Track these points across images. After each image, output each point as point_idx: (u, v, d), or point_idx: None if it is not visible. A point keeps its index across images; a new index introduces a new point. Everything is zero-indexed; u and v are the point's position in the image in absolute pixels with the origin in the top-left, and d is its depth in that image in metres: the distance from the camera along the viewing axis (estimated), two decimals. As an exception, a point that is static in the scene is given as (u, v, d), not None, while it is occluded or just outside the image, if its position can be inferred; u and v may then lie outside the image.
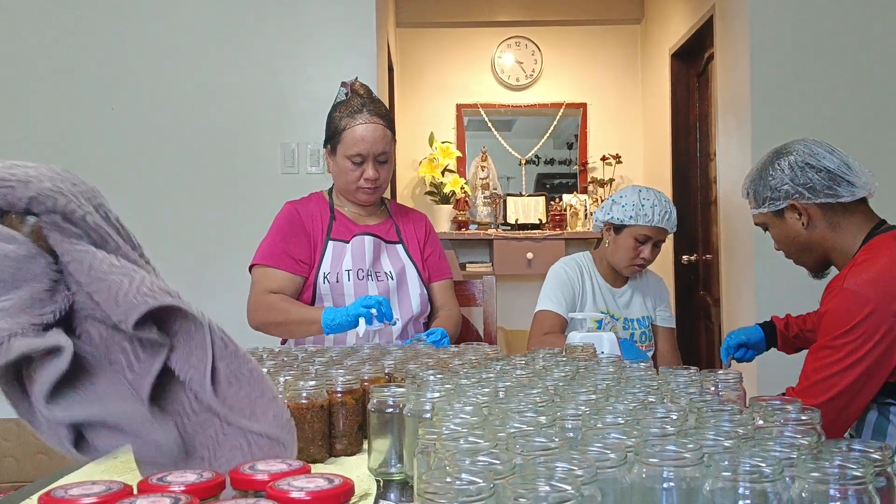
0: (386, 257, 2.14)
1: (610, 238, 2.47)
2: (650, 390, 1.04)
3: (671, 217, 2.41)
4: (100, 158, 3.19)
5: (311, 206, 2.18)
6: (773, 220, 1.81)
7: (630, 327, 2.49)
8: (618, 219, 2.41)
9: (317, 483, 0.74)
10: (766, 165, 1.80)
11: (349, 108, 2.09)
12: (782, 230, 1.80)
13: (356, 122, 2.06)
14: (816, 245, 1.78)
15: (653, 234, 2.40)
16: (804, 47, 3.30)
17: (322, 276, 2.07)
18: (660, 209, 2.39)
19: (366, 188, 2.10)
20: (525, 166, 5.56)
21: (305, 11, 3.23)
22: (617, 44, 5.53)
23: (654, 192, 2.45)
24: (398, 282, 2.11)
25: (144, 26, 3.23)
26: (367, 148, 2.06)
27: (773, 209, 1.78)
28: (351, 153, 2.06)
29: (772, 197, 1.77)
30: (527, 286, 5.39)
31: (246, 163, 3.23)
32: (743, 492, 0.64)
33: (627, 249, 2.41)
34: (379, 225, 2.20)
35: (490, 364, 1.34)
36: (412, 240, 2.22)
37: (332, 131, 2.12)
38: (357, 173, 2.09)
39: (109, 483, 0.75)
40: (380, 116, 2.09)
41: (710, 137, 4.26)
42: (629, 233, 2.40)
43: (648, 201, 2.39)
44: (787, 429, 0.83)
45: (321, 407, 1.16)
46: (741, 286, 3.50)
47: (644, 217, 2.37)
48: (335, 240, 2.12)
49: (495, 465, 0.67)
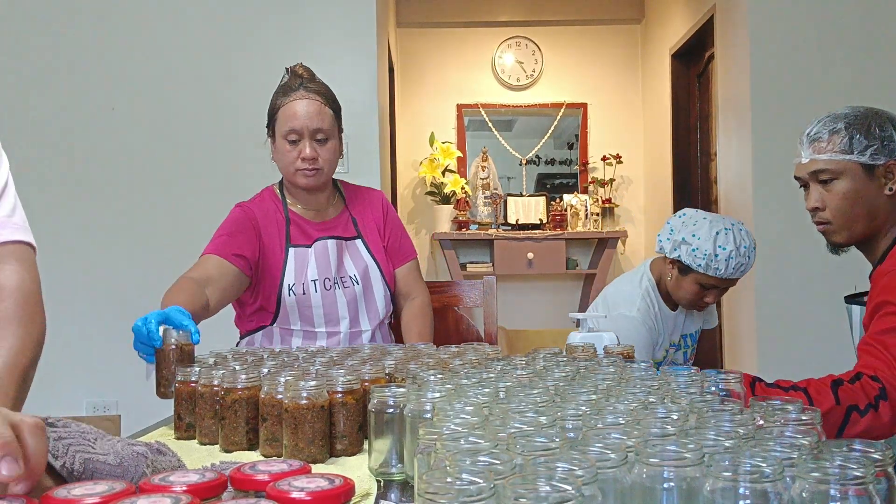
0: (348, 258, 2.03)
1: (673, 273, 2.23)
2: (651, 390, 1.04)
3: (747, 267, 2.15)
4: (101, 158, 3.19)
5: (265, 208, 2.04)
6: (856, 171, 1.64)
7: (685, 346, 2.37)
8: (686, 262, 2.16)
9: (317, 483, 0.74)
10: (872, 118, 1.65)
11: (285, 87, 1.98)
12: (860, 186, 1.64)
13: (289, 99, 1.94)
14: (879, 216, 1.66)
15: (721, 284, 2.18)
16: (804, 47, 3.30)
17: (287, 287, 1.95)
18: (736, 262, 2.11)
19: (304, 169, 1.94)
20: (525, 166, 5.56)
21: (305, 11, 3.23)
22: (617, 44, 5.54)
23: (734, 237, 2.12)
24: (363, 285, 2.02)
25: (145, 27, 3.24)
26: (300, 124, 1.92)
27: (871, 162, 1.62)
28: (284, 130, 1.93)
29: (877, 149, 1.62)
30: (527, 286, 5.40)
31: (246, 163, 3.23)
32: (743, 492, 0.64)
33: (690, 294, 2.20)
34: (336, 220, 2.06)
35: (490, 364, 1.34)
36: (370, 228, 2.09)
37: (269, 114, 2.01)
38: (294, 153, 1.94)
39: (112, 483, 0.76)
40: (318, 94, 1.96)
41: (710, 137, 4.26)
42: (695, 278, 2.17)
43: (724, 251, 2.10)
44: (788, 429, 0.83)
45: (322, 407, 1.16)
46: (741, 286, 3.50)
47: (716, 270, 2.12)
48: (296, 245, 1.99)
49: (496, 465, 0.67)
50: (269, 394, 1.22)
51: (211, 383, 1.30)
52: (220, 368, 1.35)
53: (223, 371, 1.32)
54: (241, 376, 1.27)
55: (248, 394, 1.26)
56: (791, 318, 3.33)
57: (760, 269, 3.24)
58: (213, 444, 1.30)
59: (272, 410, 1.21)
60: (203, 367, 1.39)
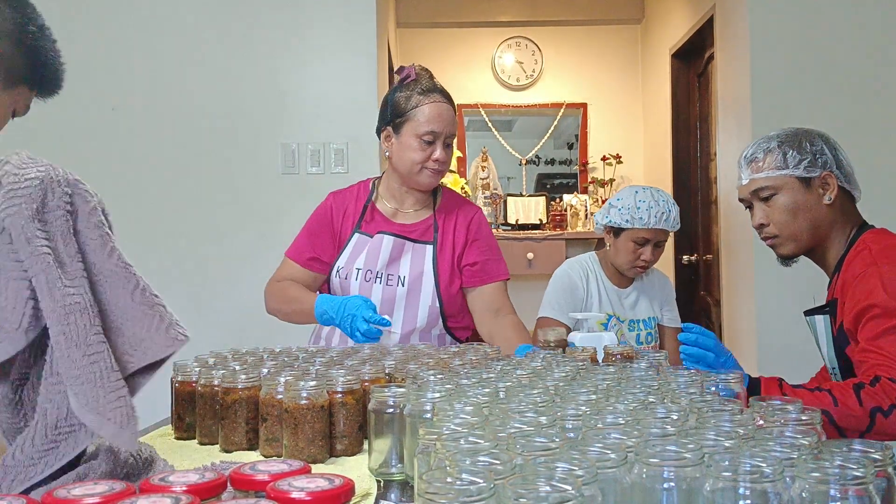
0: (407, 259, 2.04)
1: (611, 241, 2.45)
2: (650, 390, 1.04)
3: (669, 217, 2.38)
4: (100, 158, 3.19)
5: (348, 199, 2.13)
6: (794, 185, 1.72)
7: (636, 328, 2.47)
8: (615, 222, 2.39)
9: (317, 483, 0.74)
10: (801, 134, 1.74)
11: (418, 86, 2.03)
12: (800, 199, 1.72)
13: (430, 101, 2.01)
14: (823, 226, 1.73)
15: (651, 235, 2.38)
16: (804, 47, 3.30)
17: (336, 270, 2.06)
18: (656, 210, 2.35)
19: (433, 169, 2.02)
20: (525, 166, 5.56)
21: (305, 11, 3.23)
22: (617, 44, 5.53)
23: (652, 193, 2.41)
24: (409, 289, 2.01)
25: (145, 27, 3.23)
26: (441, 127, 1.99)
27: (805, 174, 1.70)
28: (422, 131, 1.98)
29: (811, 161, 1.70)
30: (527, 286, 5.40)
31: (246, 163, 3.23)
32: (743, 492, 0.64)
33: (627, 252, 2.40)
34: (416, 224, 2.09)
35: (490, 364, 1.34)
36: (449, 240, 2.09)
37: (397, 111, 2.03)
38: (426, 153, 2.00)
39: (112, 483, 0.76)
40: (448, 100, 2.05)
41: (710, 137, 4.26)
42: (627, 236, 2.39)
43: (644, 203, 2.36)
44: (788, 429, 0.83)
45: (321, 407, 1.16)
46: (741, 286, 3.50)
47: (640, 220, 2.34)
48: (362, 233, 2.07)
49: (496, 465, 0.67)
50: (269, 394, 1.22)
51: (211, 383, 1.30)
52: (220, 368, 1.35)
53: (223, 371, 1.32)
54: (240, 376, 1.27)
55: (248, 394, 1.26)
56: (791, 317, 3.32)
57: (760, 269, 3.24)
58: (213, 444, 1.30)
59: (272, 410, 1.21)
60: (203, 367, 1.39)
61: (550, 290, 2.49)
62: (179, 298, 2.90)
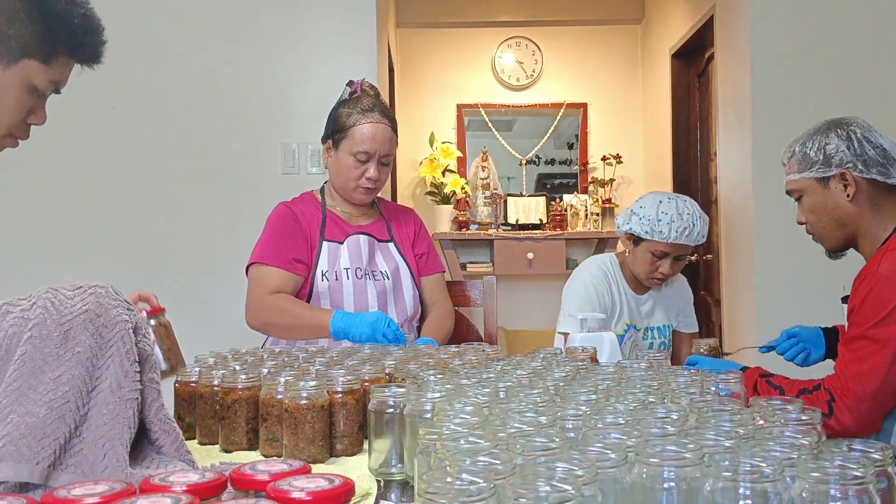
0: (380, 256, 2.13)
1: (630, 248, 2.36)
2: (650, 390, 1.04)
3: (693, 232, 2.25)
4: (101, 158, 3.19)
5: (303, 207, 2.16)
6: (814, 186, 1.75)
7: (650, 337, 2.41)
8: (635, 231, 2.29)
9: (317, 483, 0.74)
10: (821, 132, 1.76)
11: (359, 105, 2.09)
12: (821, 199, 1.75)
13: (366, 120, 2.06)
14: (851, 221, 1.74)
15: (670, 250, 2.27)
16: (804, 47, 3.30)
17: (320, 273, 2.05)
18: (678, 225, 2.22)
19: (365, 187, 2.10)
20: (525, 166, 5.56)
21: (305, 11, 3.23)
22: (617, 44, 5.53)
23: (677, 204, 2.28)
24: (393, 281, 2.11)
25: (145, 26, 3.23)
26: (374, 147, 2.06)
27: (821, 175, 1.73)
28: (357, 150, 2.06)
29: (824, 162, 1.72)
30: (527, 286, 5.40)
31: (246, 163, 3.23)
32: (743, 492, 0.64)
33: (645, 263, 2.31)
34: (371, 224, 2.19)
35: (490, 364, 1.34)
36: (403, 238, 2.22)
37: (338, 126, 2.10)
38: (359, 171, 2.08)
39: (112, 483, 0.76)
40: (388, 119, 2.11)
41: (710, 137, 4.26)
42: (646, 247, 2.29)
43: (666, 216, 2.24)
44: (788, 429, 0.83)
45: (321, 407, 1.16)
46: (741, 286, 3.50)
47: (660, 234, 2.23)
48: (329, 240, 2.09)
49: (496, 465, 0.67)
50: (269, 394, 1.22)
51: (211, 383, 1.30)
52: (220, 368, 1.35)
53: (223, 371, 1.32)
54: (240, 376, 1.27)
55: (248, 394, 1.26)
56: (791, 317, 3.32)
57: (760, 269, 3.24)
58: (213, 445, 1.30)
59: (272, 410, 1.20)
60: (203, 367, 1.39)
61: (572, 300, 2.35)
62: (179, 298, 2.90)
